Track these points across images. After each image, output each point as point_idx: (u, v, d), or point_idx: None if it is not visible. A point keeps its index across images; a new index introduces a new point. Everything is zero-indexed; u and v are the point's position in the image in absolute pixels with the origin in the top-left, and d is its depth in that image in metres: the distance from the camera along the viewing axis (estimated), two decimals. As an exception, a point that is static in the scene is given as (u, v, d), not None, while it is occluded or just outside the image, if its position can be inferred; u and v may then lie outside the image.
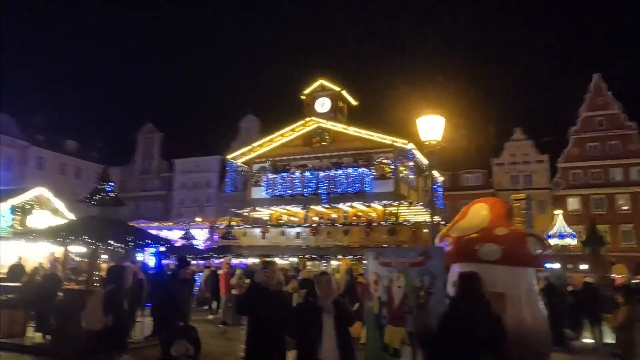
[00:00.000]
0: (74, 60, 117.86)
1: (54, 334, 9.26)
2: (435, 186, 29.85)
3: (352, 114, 29.44)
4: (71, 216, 14.81)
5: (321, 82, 28.25)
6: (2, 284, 11.75)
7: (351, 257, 23.25)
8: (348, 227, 24.05)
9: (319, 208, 26.69)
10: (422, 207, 26.46)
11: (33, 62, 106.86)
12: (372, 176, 25.40)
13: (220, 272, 16.46)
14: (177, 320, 6.08)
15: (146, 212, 54.78)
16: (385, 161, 25.76)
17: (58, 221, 13.37)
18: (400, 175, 25.26)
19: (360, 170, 25.43)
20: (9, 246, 12.88)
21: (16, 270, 11.63)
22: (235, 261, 22.97)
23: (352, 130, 26.29)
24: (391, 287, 7.53)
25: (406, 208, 26.21)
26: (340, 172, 25.63)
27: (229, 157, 28.95)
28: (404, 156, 24.64)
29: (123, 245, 9.36)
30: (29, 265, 12.28)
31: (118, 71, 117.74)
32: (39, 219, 14.13)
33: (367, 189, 25.18)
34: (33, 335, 9.17)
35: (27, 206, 14.41)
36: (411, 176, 25.52)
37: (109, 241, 8.94)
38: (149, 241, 9.67)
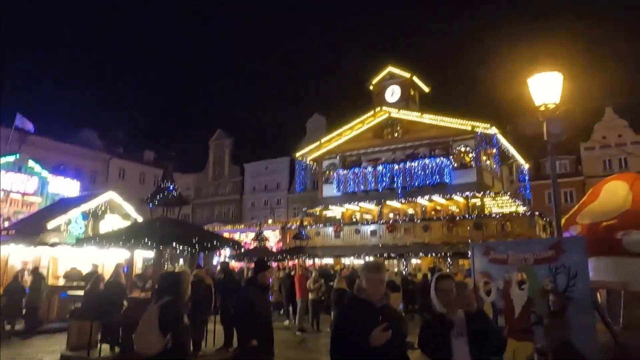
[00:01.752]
0: (148, 77, 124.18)
1: (122, 346, 8.54)
2: (522, 175, 27.19)
3: (425, 101, 27.52)
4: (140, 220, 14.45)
5: (390, 69, 26.60)
6: (69, 292, 11.43)
7: (433, 254, 21.44)
8: (428, 223, 22.23)
9: (394, 203, 25.06)
10: (509, 197, 24.01)
11: (112, 81, 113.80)
12: (452, 166, 23.40)
13: (294, 274, 15.40)
14: (258, 333, 4.88)
15: (220, 216, 55.85)
16: (465, 149, 23.63)
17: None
18: (484, 163, 23.04)
19: (438, 160, 23.51)
20: (80, 253, 12.63)
21: (89, 278, 11.20)
22: (309, 262, 21.96)
23: (427, 118, 24.39)
24: (509, 290, 5.97)
25: (491, 199, 23.90)
26: (415, 163, 23.85)
27: (297, 155, 28.08)
28: (486, 142, 22.42)
29: (188, 248, 8.47)
30: (107, 273, 11.91)
31: (188, 82, 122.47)
32: (111, 224, 13.85)
33: (446, 180, 23.22)
34: (101, 348, 8.50)
35: (99, 211, 14.20)
36: (495, 164, 23.24)
37: (173, 243, 8.06)
38: (217, 243, 8.71)
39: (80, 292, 10.17)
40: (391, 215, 25.74)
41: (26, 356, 9.05)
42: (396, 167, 24.44)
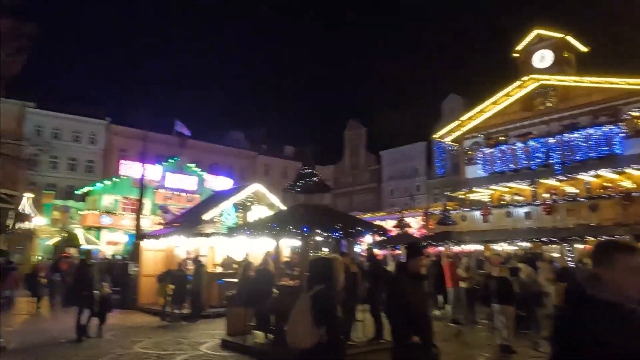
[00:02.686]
0: (286, 74, 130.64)
1: (274, 334, 8.60)
2: None
3: (582, 63, 23.89)
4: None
5: (538, 32, 23.62)
6: (224, 279, 12.03)
7: (604, 238, 18.48)
8: (596, 202, 19.23)
9: (550, 182, 22.27)
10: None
11: (255, 83, 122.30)
12: (623, 134, 19.92)
13: (443, 262, 14.40)
14: (416, 327, 4.26)
15: (358, 205, 56.31)
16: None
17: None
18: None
19: (604, 129, 20.21)
20: (233, 242, 13.28)
21: (240, 266, 11.72)
22: (456, 248, 20.61)
23: (589, 82, 21.09)
24: None
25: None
26: (576, 134, 20.83)
27: (435, 136, 26.64)
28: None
29: (331, 234, 8.17)
30: (258, 261, 12.39)
31: (321, 76, 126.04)
32: (258, 214, 14.42)
33: (617, 151, 19.86)
34: (256, 335, 8.67)
35: (247, 203, 14.88)
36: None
37: (316, 230, 7.83)
38: (361, 229, 8.27)
39: (234, 280, 10.60)
40: (546, 195, 22.95)
41: (190, 339, 9.69)
42: (551, 140, 21.65)
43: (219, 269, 14.70)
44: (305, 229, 7.71)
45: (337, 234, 8.22)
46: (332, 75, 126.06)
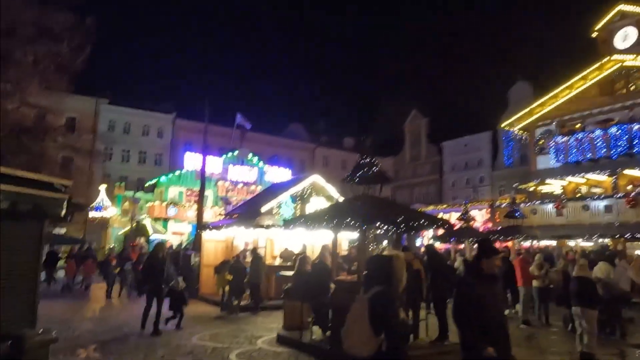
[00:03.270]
0: (346, 65, 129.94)
1: (332, 331, 8.27)
2: None
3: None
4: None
5: (620, 8, 21.55)
6: (281, 272, 11.85)
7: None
8: (688, 194, 17.31)
9: (634, 172, 20.32)
10: None
11: (313, 77, 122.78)
12: None
13: (513, 258, 13.45)
14: (489, 335, 3.73)
15: (419, 197, 55.04)
16: None
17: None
18: None
19: (700, 113, 18.12)
20: (291, 234, 13.10)
21: (296, 259, 11.50)
22: (526, 244, 19.35)
23: (680, 60, 19.00)
24: None
25: None
26: (665, 120, 18.84)
27: (503, 125, 25.20)
28: None
29: (392, 227, 7.67)
30: (315, 254, 12.16)
31: (382, 66, 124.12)
32: (316, 206, 14.16)
33: None
34: (313, 331, 8.39)
35: (305, 194, 14.65)
36: None
37: (376, 222, 7.37)
38: (425, 222, 7.70)
39: (290, 273, 10.38)
40: (629, 187, 21.00)
41: (247, 332, 9.58)
42: (636, 127, 19.73)
43: (277, 261, 14.62)
44: (364, 222, 7.28)
45: (397, 227, 7.71)
46: (393, 66, 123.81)
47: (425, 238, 27.05)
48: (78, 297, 16.45)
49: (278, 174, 34.32)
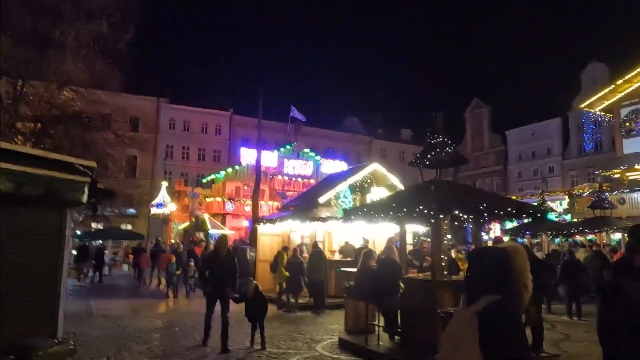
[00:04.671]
0: (402, 56, 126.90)
1: (402, 336, 7.17)
2: None
3: None
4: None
5: None
6: (342, 268, 10.82)
7: None
8: None
9: None
10: None
11: (368, 69, 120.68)
12: None
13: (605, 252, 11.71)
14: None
15: (483, 189, 52.37)
16: None
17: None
18: None
19: None
20: (352, 228, 12.08)
21: (359, 254, 10.44)
22: (615, 236, 17.21)
23: None
24: None
25: None
26: None
27: (582, 106, 22.77)
28: None
29: (473, 217, 6.45)
30: (378, 249, 11.06)
31: (440, 53, 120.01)
32: (377, 196, 13.03)
33: None
34: (380, 335, 7.33)
35: (365, 184, 13.55)
36: None
37: (454, 210, 6.17)
38: (512, 210, 6.39)
39: (353, 269, 9.35)
40: None
41: (306, 335, 8.65)
42: None
43: (337, 256, 13.64)
44: (440, 210, 6.11)
45: (480, 216, 6.47)
46: (452, 52, 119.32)
47: (492, 232, 25.12)
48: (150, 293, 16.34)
49: (334, 166, 33.40)
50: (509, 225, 19.67)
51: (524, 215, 6.59)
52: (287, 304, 11.53)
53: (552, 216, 21.49)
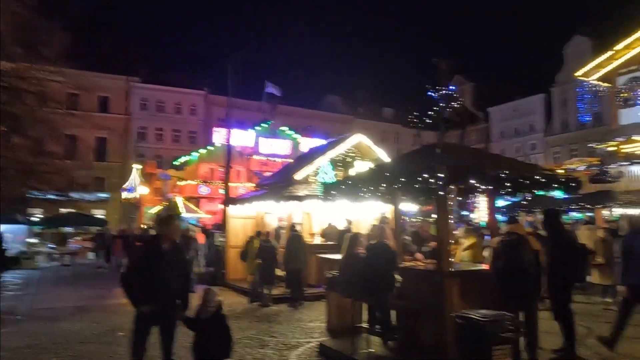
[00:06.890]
0: (383, 32, 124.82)
1: (398, 339, 5.66)
2: None
3: None
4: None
5: None
6: (322, 255, 9.26)
7: None
8: None
9: None
10: None
11: (349, 42, 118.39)
12: None
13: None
14: None
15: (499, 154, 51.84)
16: None
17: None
18: None
19: None
20: (334, 208, 10.49)
21: (342, 237, 8.86)
22: (618, 211, 16.03)
23: None
24: None
25: None
26: None
27: (577, 74, 21.43)
28: None
29: (492, 187, 4.93)
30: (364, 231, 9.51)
31: (421, 30, 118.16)
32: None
33: None
34: (371, 340, 5.82)
35: (348, 158, 11.96)
36: None
37: (468, 180, 4.62)
38: (542, 178, 4.84)
39: (336, 256, 7.78)
40: None
41: (279, 337, 7.05)
42: None
43: (317, 240, 12.02)
44: (450, 179, 4.54)
45: (500, 187, 4.92)
46: (435, 29, 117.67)
47: (477, 211, 23.83)
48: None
49: (313, 145, 31.79)
50: (501, 202, 18.35)
51: (555, 186, 5.09)
52: (260, 297, 9.94)
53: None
